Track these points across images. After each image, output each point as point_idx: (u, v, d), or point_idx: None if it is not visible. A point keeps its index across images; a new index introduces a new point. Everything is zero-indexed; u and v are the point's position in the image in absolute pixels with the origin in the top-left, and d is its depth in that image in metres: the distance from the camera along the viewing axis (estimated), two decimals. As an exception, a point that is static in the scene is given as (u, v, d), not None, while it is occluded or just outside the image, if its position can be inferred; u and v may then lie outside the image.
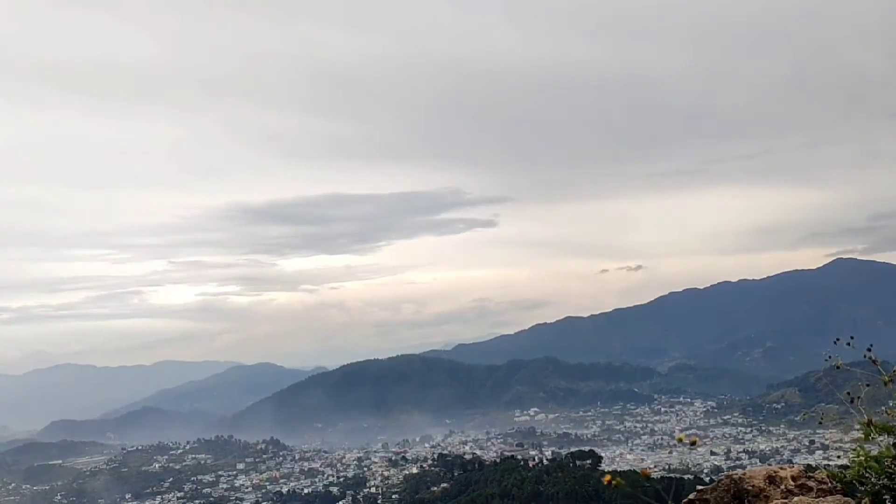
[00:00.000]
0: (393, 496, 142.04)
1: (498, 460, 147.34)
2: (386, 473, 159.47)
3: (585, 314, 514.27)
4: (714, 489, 8.15)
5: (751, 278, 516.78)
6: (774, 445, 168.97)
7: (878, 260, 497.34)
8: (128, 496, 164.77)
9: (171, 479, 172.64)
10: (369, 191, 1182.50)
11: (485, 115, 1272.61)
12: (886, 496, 7.43)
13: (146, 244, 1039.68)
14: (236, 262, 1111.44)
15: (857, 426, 7.90)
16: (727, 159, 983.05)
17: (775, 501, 7.62)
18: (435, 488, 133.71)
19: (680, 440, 7.40)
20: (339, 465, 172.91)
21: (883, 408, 8.06)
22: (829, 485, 7.81)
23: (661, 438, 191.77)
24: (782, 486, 7.81)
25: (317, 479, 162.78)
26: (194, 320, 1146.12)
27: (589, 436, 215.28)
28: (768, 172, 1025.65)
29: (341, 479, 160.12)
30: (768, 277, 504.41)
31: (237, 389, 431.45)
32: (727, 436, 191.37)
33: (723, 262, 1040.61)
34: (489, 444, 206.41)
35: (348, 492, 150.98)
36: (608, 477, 6.38)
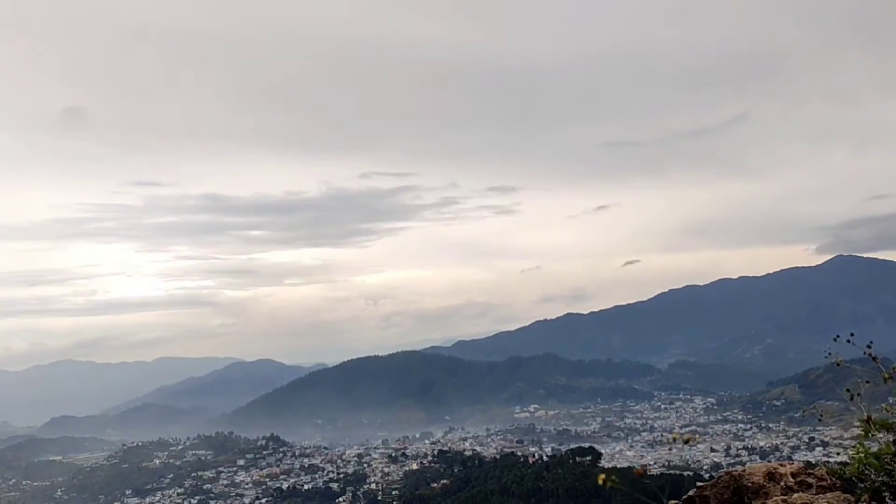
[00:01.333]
0: (393, 492, 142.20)
1: (498, 457, 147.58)
2: (386, 470, 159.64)
3: (585, 311, 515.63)
4: (714, 486, 8.16)
5: (751, 275, 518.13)
6: (774, 442, 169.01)
7: (879, 257, 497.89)
8: (128, 492, 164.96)
9: (171, 475, 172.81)
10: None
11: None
12: (886, 493, 7.43)
13: (122, 235, 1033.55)
14: (228, 255, 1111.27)
15: (857, 423, 7.90)
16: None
17: (775, 498, 7.63)
18: (435, 485, 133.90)
19: (674, 439, 7.38)
20: (339, 461, 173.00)
21: (883, 405, 8.07)
22: (829, 481, 7.82)
23: (661, 435, 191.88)
24: (782, 483, 7.82)
25: (317, 476, 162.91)
26: (185, 316, 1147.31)
27: (589, 432, 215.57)
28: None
29: (341, 476, 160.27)
30: (768, 274, 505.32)
31: (237, 386, 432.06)
32: (727, 432, 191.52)
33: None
34: (489, 440, 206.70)
35: (348, 488, 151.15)
36: (602, 477, 6.28)
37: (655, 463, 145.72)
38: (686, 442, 7.05)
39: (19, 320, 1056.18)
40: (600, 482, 6.28)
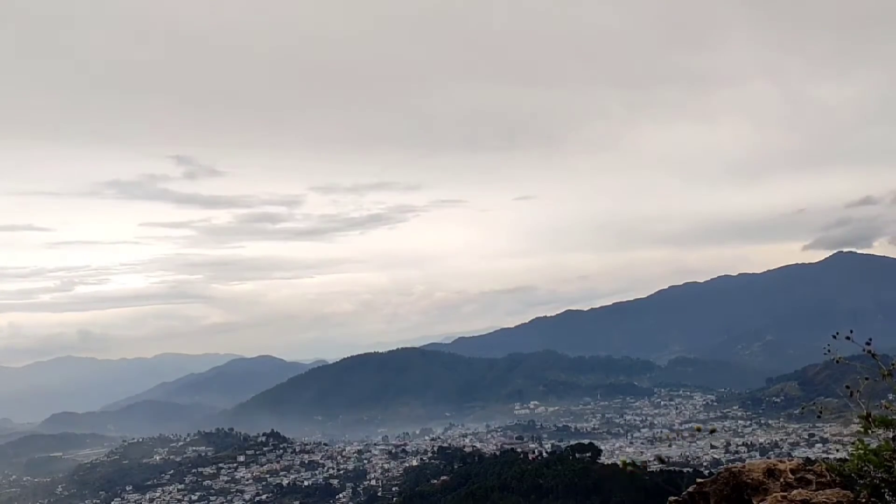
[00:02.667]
0: (393, 488, 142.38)
1: (498, 453, 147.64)
2: (386, 466, 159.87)
3: (585, 307, 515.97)
4: (713, 482, 8.17)
5: (751, 272, 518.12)
6: (773, 438, 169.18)
7: (878, 254, 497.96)
8: (129, 488, 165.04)
9: (171, 471, 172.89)
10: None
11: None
12: (885, 489, 7.44)
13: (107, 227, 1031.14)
14: (220, 248, 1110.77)
15: (857, 420, 7.90)
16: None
17: (774, 494, 7.64)
18: (435, 481, 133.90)
19: (698, 429, 7.38)
20: (339, 457, 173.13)
21: (882, 401, 8.07)
22: (828, 478, 7.83)
23: (661, 432, 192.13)
24: (781, 480, 7.83)
25: (317, 472, 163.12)
26: (180, 310, 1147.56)
27: (589, 429, 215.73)
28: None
29: (341, 472, 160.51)
30: (768, 271, 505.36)
31: (237, 382, 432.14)
32: (726, 429, 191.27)
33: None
34: (489, 436, 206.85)
35: (348, 484, 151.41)
36: (623, 460, 6.33)
37: (655, 459, 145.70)
38: (711, 432, 7.08)
39: (8, 315, 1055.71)
40: (621, 464, 6.36)
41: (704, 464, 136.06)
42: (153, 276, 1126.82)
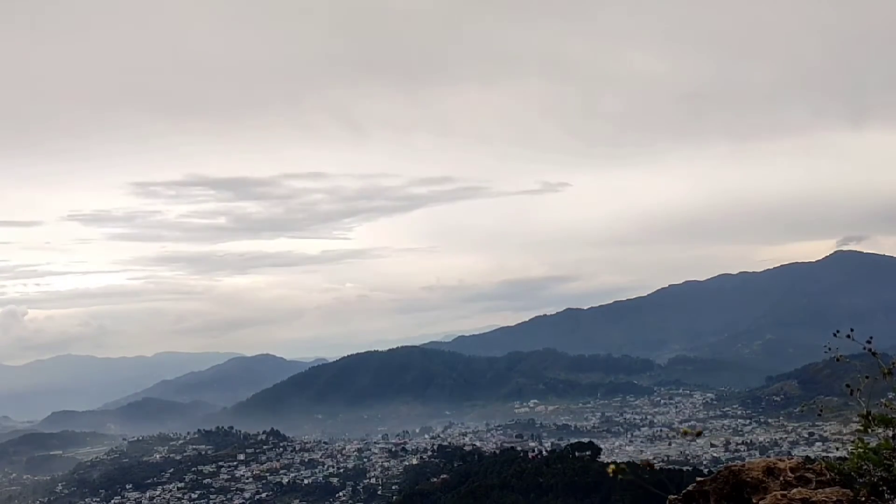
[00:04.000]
0: (393, 487, 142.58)
1: (497, 452, 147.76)
2: (386, 464, 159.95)
3: (585, 306, 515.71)
4: (713, 480, 8.16)
5: (750, 270, 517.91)
6: (773, 437, 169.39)
7: (879, 253, 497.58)
8: (128, 486, 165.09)
9: (171, 469, 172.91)
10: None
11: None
12: (884, 488, 7.44)
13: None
14: (216, 243, 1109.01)
15: (856, 418, 7.90)
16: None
17: (774, 493, 7.63)
18: (434, 479, 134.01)
19: (686, 433, 7.40)
20: (339, 455, 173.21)
21: (882, 400, 8.06)
22: (828, 476, 7.82)
23: (661, 430, 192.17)
24: (781, 478, 7.82)
25: (317, 470, 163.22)
26: (177, 306, 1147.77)
27: (588, 427, 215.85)
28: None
29: (341, 470, 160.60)
30: (768, 270, 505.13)
31: (238, 381, 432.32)
32: (726, 427, 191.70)
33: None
34: (489, 435, 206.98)
35: (348, 482, 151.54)
36: (612, 467, 6.33)
37: (655, 458, 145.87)
38: (698, 435, 7.06)
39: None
40: (610, 472, 6.32)
41: (704, 462, 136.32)
42: (151, 273, 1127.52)
